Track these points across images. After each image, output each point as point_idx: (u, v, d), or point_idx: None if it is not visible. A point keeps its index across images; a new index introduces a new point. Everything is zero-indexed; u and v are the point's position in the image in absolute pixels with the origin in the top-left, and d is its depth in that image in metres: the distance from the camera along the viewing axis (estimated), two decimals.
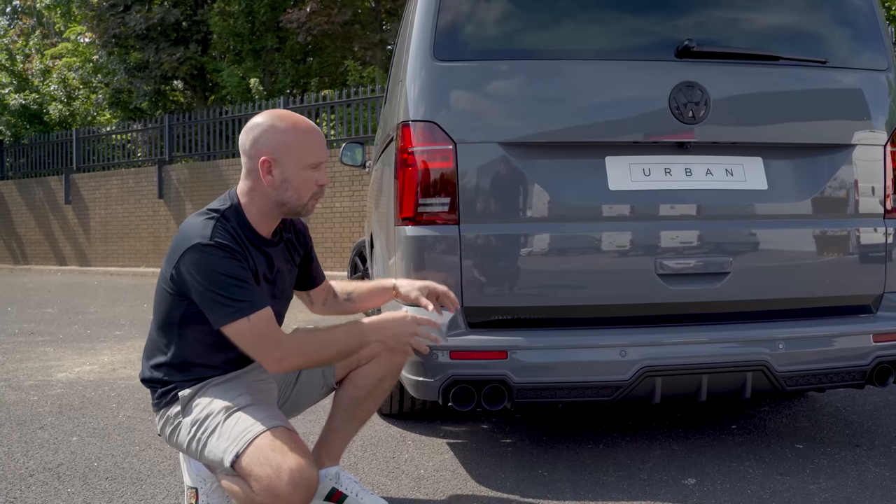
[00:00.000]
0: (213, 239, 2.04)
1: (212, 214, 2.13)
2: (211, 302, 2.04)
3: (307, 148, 2.15)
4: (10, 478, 2.70)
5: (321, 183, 2.18)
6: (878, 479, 2.58)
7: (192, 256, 2.04)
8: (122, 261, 14.73)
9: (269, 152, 2.12)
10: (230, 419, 2.07)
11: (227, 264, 2.03)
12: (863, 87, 2.76)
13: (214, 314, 2.04)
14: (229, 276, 2.03)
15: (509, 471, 2.72)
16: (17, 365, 4.93)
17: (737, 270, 2.59)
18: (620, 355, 2.49)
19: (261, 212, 2.18)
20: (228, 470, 2.03)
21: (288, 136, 2.13)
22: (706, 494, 2.47)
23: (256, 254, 2.17)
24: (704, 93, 2.59)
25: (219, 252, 2.03)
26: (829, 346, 2.64)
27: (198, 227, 2.08)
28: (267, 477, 1.94)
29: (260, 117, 2.17)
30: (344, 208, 11.28)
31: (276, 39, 16.72)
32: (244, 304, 2.02)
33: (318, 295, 2.52)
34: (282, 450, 1.98)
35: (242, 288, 2.04)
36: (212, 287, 2.02)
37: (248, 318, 2.02)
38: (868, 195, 2.74)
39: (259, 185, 2.15)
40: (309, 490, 1.96)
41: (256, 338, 2.05)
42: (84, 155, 15.92)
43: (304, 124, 2.17)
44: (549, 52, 2.65)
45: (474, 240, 2.53)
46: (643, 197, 2.59)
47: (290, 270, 2.35)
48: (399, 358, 2.38)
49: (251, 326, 2.03)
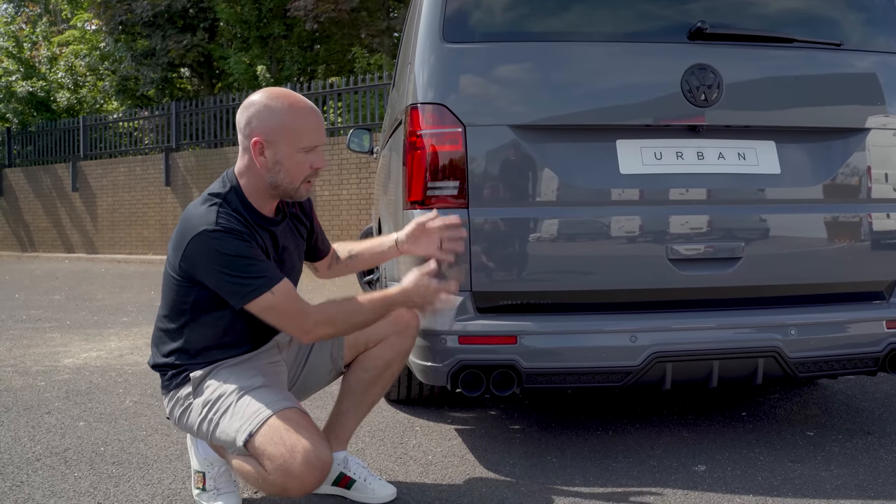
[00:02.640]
0: (219, 223, 2.03)
1: (214, 200, 2.11)
2: (229, 285, 2.03)
3: (302, 130, 2.10)
4: (18, 462, 2.69)
5: (316, 166, 2.14)
6: (891, 466, 2.55)
7: (201, 243, 2.03)
8: (129, 248, 14.75)
9: (263, 133, 2.08)
10: (243, 399, 2.06)
11: (236, 246, 2.02)
12: (877, 71, 2.71)
13: (235, 295, 2.03)
14: (242, 257, 2.02)
15: (518, 457, 2.70)
16: (24, 351, 4.93)
17: (749, 256, 2.56)
18: (631, 341, 2.47)
19: (258, 192, 2.16)
20: (241, 450, 2.03)
21: (282, 118, 2.08)
22: (716, 481, 2.45)
23: (262, 233, 2.16)
24: (717, 75, 2.55)
25: (226, 236, 2.02)
26: (841, 332, 2.61)
27: (202, 214, 2.07)
28: (280, 456, 1.93)
29: (256, 95, 2.13)
30: (351, 195, 11.27)
31: (283, 27, 16.67)
32: (264, 279, 2.02)
33: (323, 262, 2.53)
34: (296, 430, 1.97)
35: (258, 265, 2.03)
36: (227, 270, 2.02)
37: (272, 291, 2.02)
38: (882, 180, 2.70)
39: (253, 165, 2.13)
40: (322, 471, 1.96)
41: (284, 310, 2.05)
42: (91, 142, 15.94)
43: (301, 105, 2.12)
44: (560, 33, 2.62)
45: (483, 224, 2.50)
46: (654, 181, 2.56)
47: (298, 245, 2.33)
48: (407, 342, 2.37)
49: (276, 300, 2.03)
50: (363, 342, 2.35)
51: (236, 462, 2.09)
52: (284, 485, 1.95)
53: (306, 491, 1.98)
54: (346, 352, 2.37)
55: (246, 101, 2.14)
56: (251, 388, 2.09)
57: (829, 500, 2.29)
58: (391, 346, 2.35)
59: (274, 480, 1.96)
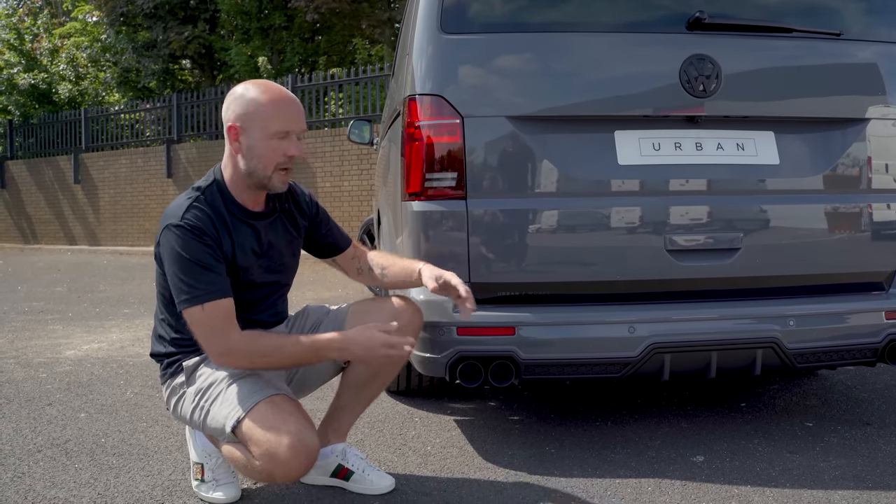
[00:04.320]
0: (184, 219, 2.03)
1: (192, 194, 2.12)
2: (173, 285, 2.05)
3: (273, 116, 2.08)
4: (19, 453, 2.70)
5: (289, 153, 2.10)
6: (889, 457, 2.55)
7: (165, 236, 2.06)
8: (131, 240, 14.77)
9: (236, 119, 2.09)
10: (232, 387, 2.07)
11: (191, 247, 2.02)
12: (878, 61, 2.70)
13: (177, 299, 2.04)
14: (192, 261, 2.02)
15: (517, 448, 2.71)
16: (26, 342, 4.95)
17: (747, 246, 2.56)
18: (629, 332, 2.47)
19: (240, 183, 2.15)
20: (230, 436, 2.04)
21: (255, 104, 2.08)
22: (715, 472, 2.45)
23: (241, 227, 2.15)
24: (716, 66, 2.54)
25: (186, 234, 2.02)
26: (840, 323, 2.61)
27: (177, 206, 2.08)
28: (267, 441, 1.94)
29: (239, 86, 2.14)
30: (352, 187, 11.27)
31: (284, 18, 16.61)
32: (200, 290, 2.01)
33: (348, 263, 2.45)
34: (283, 415, 1.97)
35: (203, 274, 2.02)
36: (176, 270, 2.03)
37: (203, 306, 2.00)
38: (881, 170, 2.70)
39: (233, 154, 2.13)
40: (309, 457, 1.96)
41: (206, 327, 2.03)
42: (93, 134, 15.94)
43: (276, 91, 2.11)
44: (559, 24, 2.61)
45: (482, 215, 2.50)
46: (653, 172, 2.56)
47: (290, 242, 2.31)
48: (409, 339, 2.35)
49: (204, 315, 2.01)
50: None
51: (226, 449, 2.10)
52: (271, 470, 1.96)
53: (292, 477, 1.98)
54: None
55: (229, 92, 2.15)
56: (241, 376, 2.10)
57: (827, 491, 2.29)
58: None
59: (261, 467, 1.96)
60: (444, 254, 2.48)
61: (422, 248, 2.51)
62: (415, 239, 2.54)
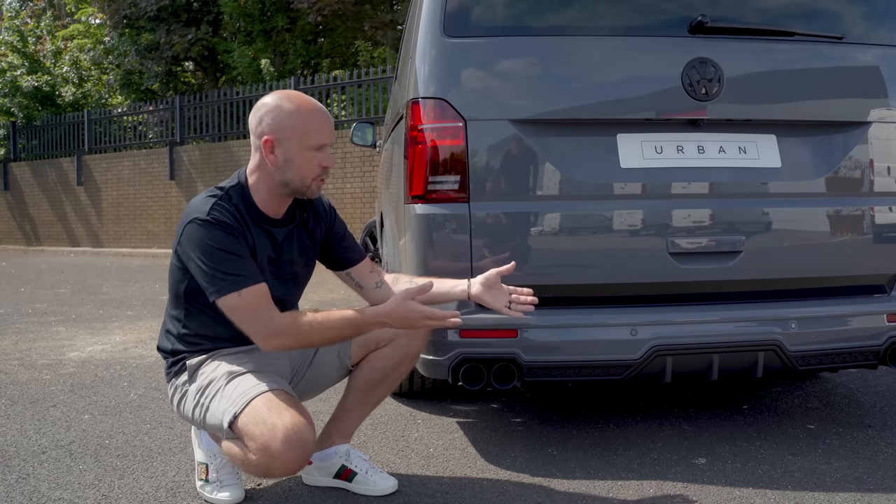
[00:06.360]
0: (210, 214, 2.08)
1: (215, 192, 2.16)
2: (205, 275, 2.06)
3: (311, 129, 2.13)
4: (24, 455, 2.71)
5: (325, 165, 2.17)
6: (891, 459, 2.56)
7: (190, 231, 2.08)
8: (133, 242, 14.80)
9: (273, 132, 2.12)
10: (231, 383, 2.10)
11: (221, 238, 2.06)
12: (880, 64, 2.71)
13: (209, 288, 2.07)
14: (223, 250, 2.05)
15: (519, 450, 2.71)
16: (30, 344, 4.96)
17: (749, 249, 2.57)
18: (631, 334, 2.48)
19: (268, 190, 2.18)
20: (228, 432, 2.06)
21: (292, 117, 2.12)
22: (717, 474, 2.46)
23: (259, 232, 2.18)
24: (718, 69, 2.55)
25: (214, 227, 2.06)
26: (842, 325, 2.62)
27: (199, 203, 2.13)
28: (262, 435, 1.95)
29: (268, 97, 2.17)
30: (355, 189, 11.28)
31: (287, 20, 16.63)
32: (237, 277, 2.04)
33: (364, 278, 2.38)
34: (278, 409, 1.99)
35: (236, 262, 2.05)
36: (206, 260, 2.05)
37: (240, 292, 2.03)
38: (883, 174, 2.70)
39: (264, 164, 2.15)
40: (304, 450, 1.97)
41: (247, 313, 2.05)
42: (96, 136, 15.97)
43: (310, 105, 2.15)
44: (561, 27, 2.62)
45: (484, 218, 2.51)
46: (655, 175, 2.56)
47: (305, 251, 2.32)
48: (417, 343, 2.36)
49: (243, 301, 2.04)
50: (373, 342, 2.34)
51: (225, 445, 2.12)
52: (267, 465, 1.97)
53: (288, 470, 1.99)
54: (354, 351, 2.37)
55: (258, 103, 2.18)
56: (241, 373, 2.12)
57: (829, 493, 2.30)
58: (401, 347, 2.34)
59: (257, 461, 1.98)
60: (446, 256, 2.49)
61: (424, 251, 2.52)
62: (418, 241, 2.55)
